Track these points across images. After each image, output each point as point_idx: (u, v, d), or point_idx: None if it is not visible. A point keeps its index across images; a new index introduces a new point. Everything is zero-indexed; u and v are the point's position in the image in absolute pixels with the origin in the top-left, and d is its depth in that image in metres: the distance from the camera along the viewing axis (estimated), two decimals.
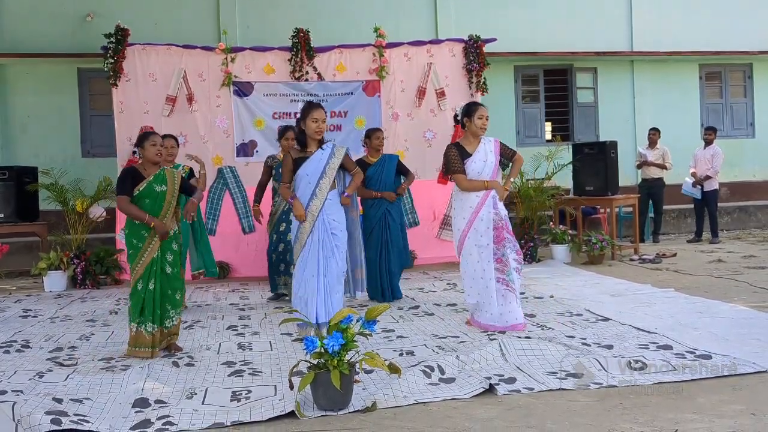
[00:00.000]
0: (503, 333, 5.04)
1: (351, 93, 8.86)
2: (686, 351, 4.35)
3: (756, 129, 13.52)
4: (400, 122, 8.85)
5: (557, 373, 3.99)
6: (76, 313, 6.49)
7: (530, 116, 12.60)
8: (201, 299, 7.19)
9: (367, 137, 6.82)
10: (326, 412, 3.48)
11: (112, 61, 8.32)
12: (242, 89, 8.68)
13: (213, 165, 8.45)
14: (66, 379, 4.14)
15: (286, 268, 6.77)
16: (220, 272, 8.47)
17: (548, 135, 12.57)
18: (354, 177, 5.41)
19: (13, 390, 3.85)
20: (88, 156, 11.11)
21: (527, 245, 9.02)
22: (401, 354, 4.56)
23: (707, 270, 7.95)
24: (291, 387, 3.56)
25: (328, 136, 8.65)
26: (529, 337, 4.80)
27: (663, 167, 10.95)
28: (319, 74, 8.77)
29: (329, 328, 3.61)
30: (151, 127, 8.30)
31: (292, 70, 8.69)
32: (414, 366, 4.08)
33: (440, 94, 8.97)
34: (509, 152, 5.46)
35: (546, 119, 12.71)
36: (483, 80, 8.99)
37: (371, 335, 3.83)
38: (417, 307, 6.26)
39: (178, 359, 4.58)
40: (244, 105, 8.69)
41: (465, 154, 5.29)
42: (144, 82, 8.48)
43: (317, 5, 11.58)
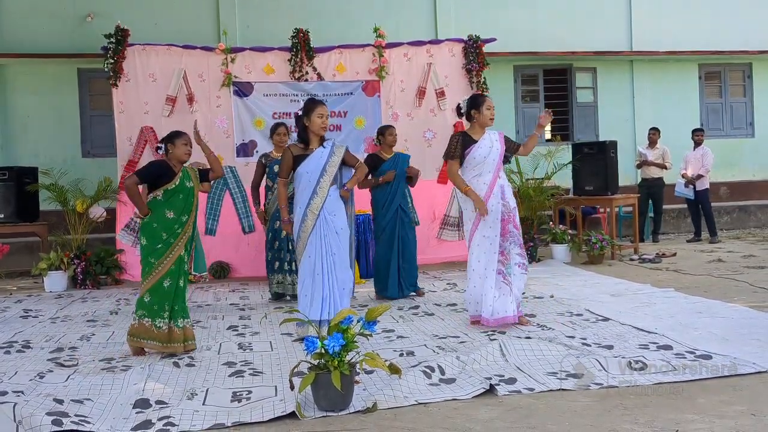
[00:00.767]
0: (503, 333, 5.04)
1: (351, 93, 8.86)
2: (686, 351, 4.35)
3: (755, 128, 13.53)
4: (400, 122, 8.84)
5: (558, 374, 3.99)
6: (77, 314, 6.49)
7: (530, 116, 12.59)
8: (201, 299, 7.20)
9: (381, 134, 6.91)
10: (327, 413, 3.48)
11: (112, 62, 8.33)
12: (242, 89, 8.68)
13: None
14: (67, 380, 4.14)
15: (280, 266, 6.78)
16: (221, 272, 8.49)
17: (548, 135, 12.57)
18: (357, 170, 5.40)
19: (14, 391, 3.84)
20: (89, 156, 11.11)
21: (527, 245, 9.01)
22: (401, 354, 4.56)
23: (707, 270, 7.95)
24: (291, 387, 3.56)
25: (328, 136, 8.71)
26: (530, 338, 4.80)
27: (663, 167, 10.96)
28: (319, 74, 8.78)
29: (329, 329, 3.61)
30: (152, 128, 8.35)
31: (292, 71, 8.70)
32: (414, 366, 4.08)
33: (440, 94, 8.98)
34: (514, 146, 5.51)
35: None
36: (483, 80, 9.00)
37: (371, 336, 3.84)
38: (417, 308, 6.27)
39: (179, 360, 4.58)
40: (244, 105, 8.70)
41: (470, 141, 5.34)
42: (144, 83, 8.48)
43: (317, 5, 11.58)
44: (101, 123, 10.76)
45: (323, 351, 3.48)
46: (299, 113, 5.30)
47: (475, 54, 9.01)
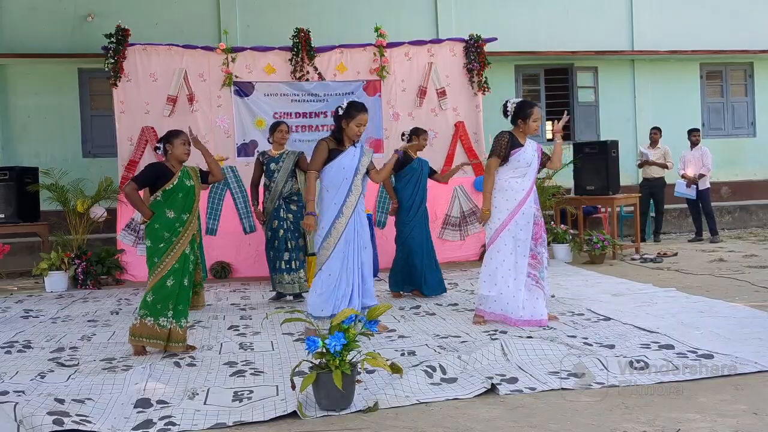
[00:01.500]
0: (505, 332, 5.05)
1: (352, 93, 8.84)
2: (688, 350, 4.35)
3: (757, 128, 13.51)
4: (401, 122, 8.83)
5: (559, 373, 3.99)
6: (78, 314, 6.49)
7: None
8: None
9: (416, 134, 6.89)
10: (328, 412, 3.48)
11: (113, 61, 8.32)
12: (243, 89, 8.67)
13: None
14: (68, 380, 4.14)
15: (281, 265, 6.76)
16: (222, 272, 8.49)
17: (549, 134, 12.56)
18: (386, 165, 5.53)
19: (15, 390, 3.84)
20: (89, 156, 11.12)
21: None
22: (403, 354, 4.56)
23: (708, 269, 7.94)
24: (293, 387, 3.56)
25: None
26: (531, 337, 4.80)
27: (664, 167, 10.96)
28: (320, 74, 8.77)
29: (331, 328, 3.60)
30: (153, 128, 8.34)
31: (293, 70, 8.69)
32: (416, 366, 4.08)
33: (441, 94, 8.97)
34: (545, 158, 5.70)
35: (547, 118, 12.68)
36: (484, 80, 8.99)
37: (373, 335, 3.83)
38: (418, 307, 6.26)
39: (180, 359, 4.58)
40: (245, 105, 8.69)
41: (517, 143, 5.44)
42: (145, 82, 8.47)
43: (318, 5, 11.58)
44: (102, 123, 10.76)
45: (324, 350, 3.48)
46: (339, 111, 5.22)
47: (476, 53, 8.99)
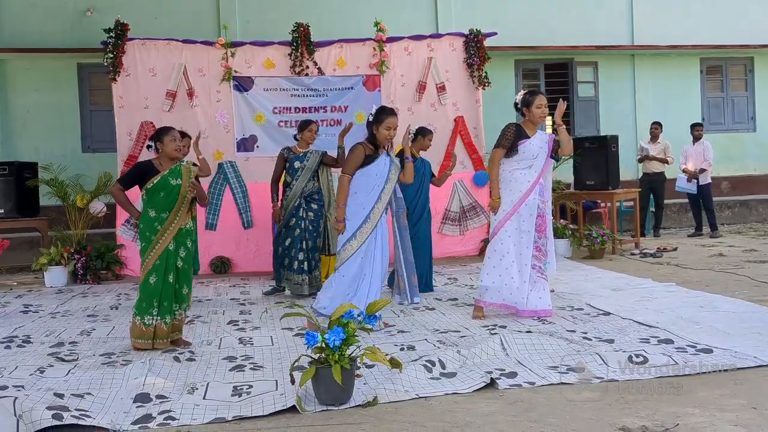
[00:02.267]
0: (504, 327, 5.05)
1: (351, 88, 8.83)
2: (687, 345, 4.35)
3: (757, 123, 13.49)
4: (401, 117, 8.72)
5: (558, 368, 3.99)
6: (77, 309, 6.49)
7: None
8: (202, 294, 7.17)
9: (422, 134, 6.97)
10: (327, 407, 3.48)
11: (112, 56, 8.30)
12: (242, 84, 8.66)
13: (213, 160, 8.41)
14: (67, 375, 4.14)
15: (290, 263, 6.74)
16: (221, 267, 8.48)
17: (549, 129, 12.53)
18: (405, 167, 5.60)
19: (15, 385, 3.85)
20: (89, 151, 11.10)
21: None
22: (402, 349, 4.56)
23: (708, 264, 7.95)
24: (292, 382, 3.56)
25: (330, 131, 8.71)
26: (530, 332, 4.81)
27: (664, 161, 10.95)
28: (320, 69, 8.75)
29: (330, 323, 3.60)
30: (152, 123, 8.33)
31: (293, 65, 8.66)
32: (415, 361, 4.08)
33: (440, 89, 8.95)
34: (556, 146, 5.71)
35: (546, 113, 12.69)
36: (484, 74, 8.97)
37: (372, 330, 3.83)
38: (417, 303, 6.25)
39: (179, 354, 4.58)
40: (245, 100, 8.67)
41: (524, 135, 5.47)
42: (144, 77, 8.45)
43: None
44: (101, 118, 10.74)
45: (324, 345, 3.48)
46: (369, 118, 5.45)
47: (476, 48, 8.97)
